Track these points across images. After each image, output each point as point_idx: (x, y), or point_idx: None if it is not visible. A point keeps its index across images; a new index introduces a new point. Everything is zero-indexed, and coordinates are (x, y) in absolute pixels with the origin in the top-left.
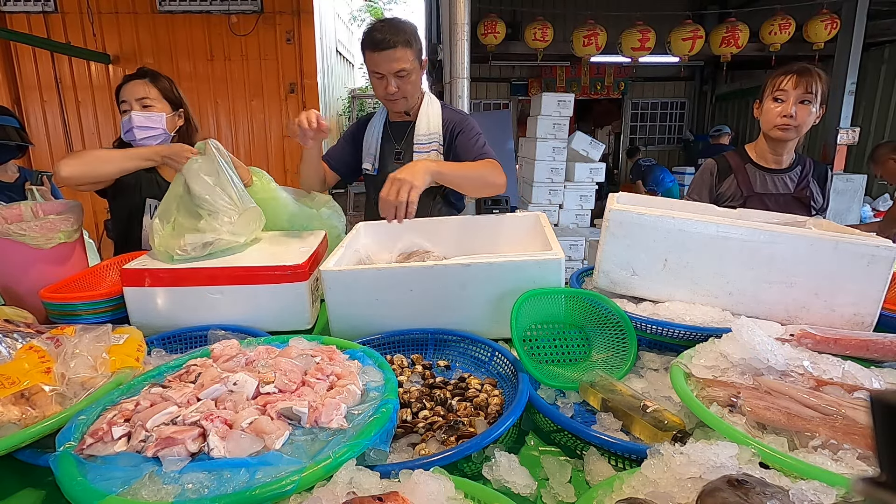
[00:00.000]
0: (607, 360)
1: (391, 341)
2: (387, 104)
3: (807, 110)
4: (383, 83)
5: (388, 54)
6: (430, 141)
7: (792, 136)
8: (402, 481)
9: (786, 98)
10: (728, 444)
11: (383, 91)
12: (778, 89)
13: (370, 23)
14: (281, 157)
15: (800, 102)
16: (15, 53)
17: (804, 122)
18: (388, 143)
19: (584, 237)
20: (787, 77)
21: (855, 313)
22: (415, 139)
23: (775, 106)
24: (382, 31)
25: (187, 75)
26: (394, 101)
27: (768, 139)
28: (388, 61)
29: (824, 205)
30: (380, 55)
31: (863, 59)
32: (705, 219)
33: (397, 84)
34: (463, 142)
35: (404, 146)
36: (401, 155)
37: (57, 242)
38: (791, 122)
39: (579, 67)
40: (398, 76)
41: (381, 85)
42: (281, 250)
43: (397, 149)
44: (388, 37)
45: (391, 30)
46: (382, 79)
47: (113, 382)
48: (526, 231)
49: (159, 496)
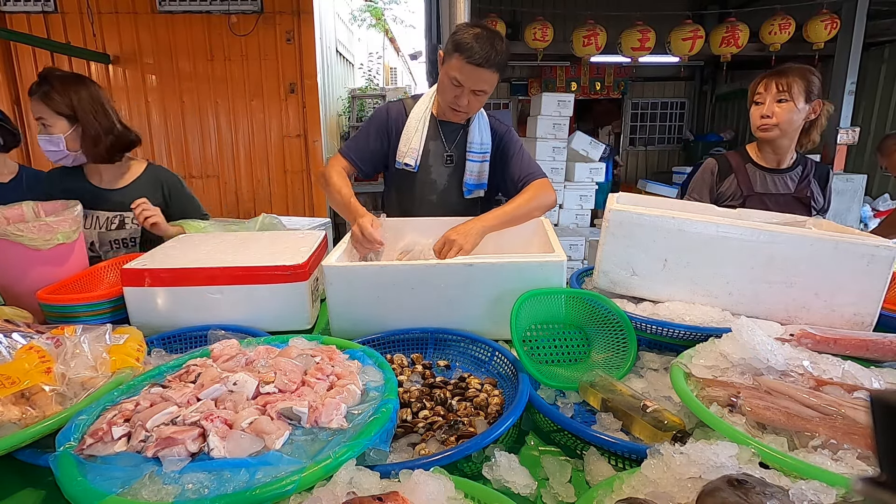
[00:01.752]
0: (607, 360)
1: (391, 341)
2: (448, 110)
3: (785, 108)
4: (458, 91)
5: (479, 72)
6: (483, 150)
7: (775, 135)
8: (402, 481)
9: (762, 100)
10: (728, 444)
11: (452, 98)
12: (755, 93)
13: (474, 25)
14: (281, 157)
15: (777, 102)
16: (15, 53)
17: (784, 120)
18: (436, 142)
19: (584, 237)
20: (762, 80)
21: (855, 313)
22: (468, 147)
23: (755, 109)
24: (484, 47)
25: (187, 75)
26: (456, 112)
27: (759, 141)
28: (474, 78)
29: (825, 205)
30: (470, 68)
31: (863, 59)
32: (705, 219)
33: (469, 100)
34: (509, 159)
35: (455, 150)
36: (452, 158)
37: (56, 243)
38: (769, 122)
39: (579, 67)
40: (475, 94)
41: (454, 92)
42: (281, 250)
43: (448, 151)
44: (488, 55)
45: (492, 49)
46: (459, 87)
47: (113, 382)
48: (528, 232)
49: (159, 496)
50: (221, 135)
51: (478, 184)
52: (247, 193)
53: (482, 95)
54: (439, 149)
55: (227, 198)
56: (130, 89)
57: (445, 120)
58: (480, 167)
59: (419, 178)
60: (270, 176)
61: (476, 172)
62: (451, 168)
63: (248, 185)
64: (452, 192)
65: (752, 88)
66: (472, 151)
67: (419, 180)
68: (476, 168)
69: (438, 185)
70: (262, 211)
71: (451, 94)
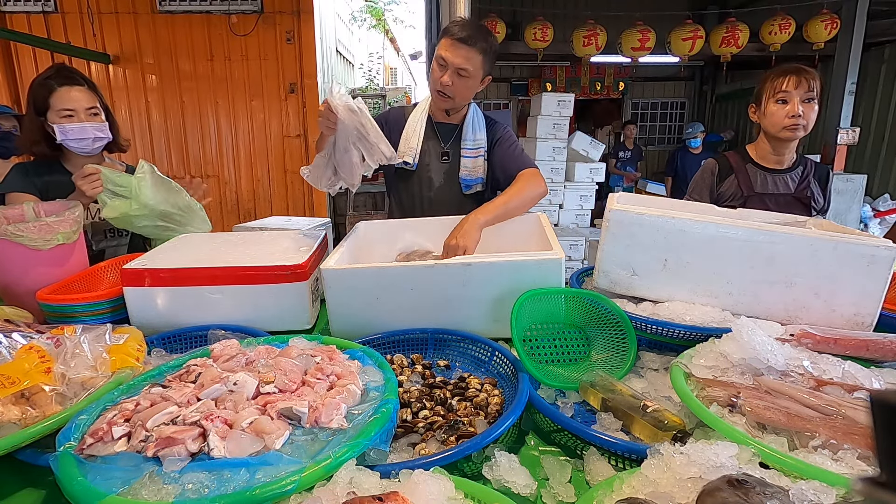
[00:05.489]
0: (607, 360)
1: (391, 341)
2: (435, 95)
3: (811, 108)
4: (442, 72)
5: (462, 49)
6: (477, 147)
7: (800, 135)
8: (402, 481)
9: (789, 99)
10: (728, 444)
11: (438, 80)
12: (780, 91)
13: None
14: (281, 157)
15: (804, 101)
16: (15, 53)
17: (810, 121)
18: (433, 141)
19: (584, 237)
20: (787, 78)
21: (855, 313)
22: (462, 144)
23: (780, 108)
24: (468, 29)
25: (187, 75)
26: (442, 96)
27: (774, 140)
28: (458, 55)
29: (825, 206)
30: (453, 45)
31: (863, 59)
32: (705, 219)
33: (453, 80)
34: (502, 153)
35: (451, 148)
36: (448, 156)
37: (56, 244)
38: (799, 122)
39: (579, 67)
40: (459, 73)
41: (439, 73)
42: (281, 250)
43: (444, 149)
44: (471, 34)
45: (477, 32)
46: (444, 67)
47: (113, 382)
48: (526, 231)
49: (159, 496)
50: (221, 135)
51: (474, 179)
52: (247, 193)
53: (466, 77)
54: (436, 147)
55: (227, 198)
56: (130, 89)
57: (440, 121)
58: (475, 162)
59: (417, 175)
60: (270, 176)
61: (470, 167)
62: (448, 165)
63: (248, 185)
64: (450, 188)
65: (771, 85)
66: (466, 147)
67: (417, 178)
68: (470, 164)
69: (436, 182)
70: (263, 211)
71: (437, 76)
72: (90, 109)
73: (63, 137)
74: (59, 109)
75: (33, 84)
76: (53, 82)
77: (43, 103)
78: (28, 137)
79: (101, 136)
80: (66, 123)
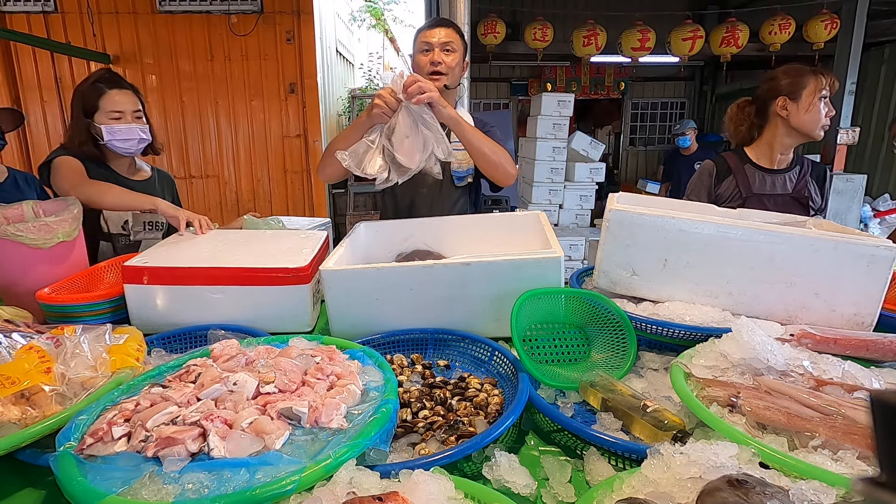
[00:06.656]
0: (607, 360)
1: (391, 341)
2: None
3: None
4: (429, 56)
5: (439, 30)
6: None
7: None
8: (402, 481)
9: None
10: (728, 444)
11: (427, 63)
12: (824, 89)
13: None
14: (281, 157)
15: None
16: (15, 53)
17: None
18: None
19: (584, 237)
20: (826, 77)
21: (855, 313)
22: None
23: (822, 106)
24: (438, 19)
25: (187, 75)
26: (435, 75)
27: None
28: (436, 34)
29: (822, 205)
30: (431, 30)
31: (863, 59)
32: (705, 219)
33: (441, 57)
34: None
35: None
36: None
37: (56, 242)
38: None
39: (579, 67)
40: (444, 50)
41: (427, 57)
42: (283, 251)
43: None
44: (441, 20)
45: (445, 20)
46: (430, 51)
47: (113, 382)
48: (526, 230)
49: (159, 496)
50: (221, 135)
51: (464, 170)
52: (247, 193)
53: (452, 53)
54: None
55: (227, 198)
56: None
57: None
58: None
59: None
60: (270, 176)
61: (461, 158)
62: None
63: (248, 185)
64: (443, 183)
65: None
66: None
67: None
68: (460, 155)
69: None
70: (262, 211)
71: (426, 60)
72: (136, 112)
73: (110, 138)
74: (109, 111)
75: (81, 88)
76: (104, 85)
77: (92, 105)
78: (77, 138)
79: (145, 138)
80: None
